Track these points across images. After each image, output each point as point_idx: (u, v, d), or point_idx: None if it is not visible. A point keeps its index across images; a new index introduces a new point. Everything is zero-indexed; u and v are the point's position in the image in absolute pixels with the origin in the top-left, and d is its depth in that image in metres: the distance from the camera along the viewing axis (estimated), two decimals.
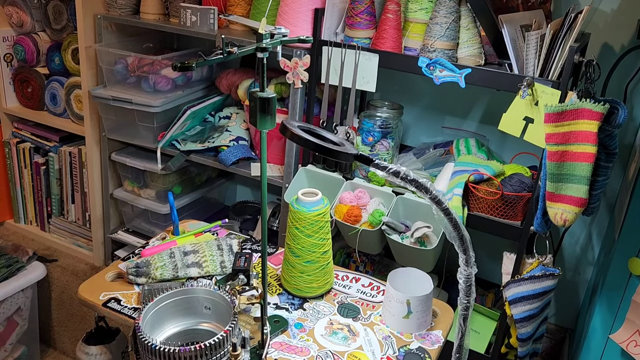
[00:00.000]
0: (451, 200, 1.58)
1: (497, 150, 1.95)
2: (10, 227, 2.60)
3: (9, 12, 2.34)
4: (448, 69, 1.54)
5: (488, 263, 2.05)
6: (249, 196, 2.52)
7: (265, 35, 0.99)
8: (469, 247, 0.94)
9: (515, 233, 1.58)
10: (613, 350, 1.53)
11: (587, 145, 1.34)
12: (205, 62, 0.91)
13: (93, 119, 2.18)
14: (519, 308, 1.57)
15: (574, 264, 2.00)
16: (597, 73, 1.46)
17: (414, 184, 0.89)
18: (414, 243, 1.62)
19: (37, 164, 2.42)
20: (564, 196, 1.40)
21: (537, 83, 1.42)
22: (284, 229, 1.90)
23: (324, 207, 1.27)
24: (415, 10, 1.62)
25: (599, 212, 1.89)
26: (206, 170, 2.35)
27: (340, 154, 0.92)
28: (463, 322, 1.01)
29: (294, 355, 1.14)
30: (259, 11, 1.89)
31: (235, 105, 2.25)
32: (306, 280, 1.29)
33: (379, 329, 1.24)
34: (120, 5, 2.07)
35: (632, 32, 1.69)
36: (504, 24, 1.45)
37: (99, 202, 2.32)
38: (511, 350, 1.72)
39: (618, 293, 1.51)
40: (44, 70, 2.40)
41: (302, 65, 1.73)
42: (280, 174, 1.95)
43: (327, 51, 1.70)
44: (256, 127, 1.01)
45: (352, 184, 1.77)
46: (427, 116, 2.05)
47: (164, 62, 2.00)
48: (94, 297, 1.27)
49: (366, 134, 1.76)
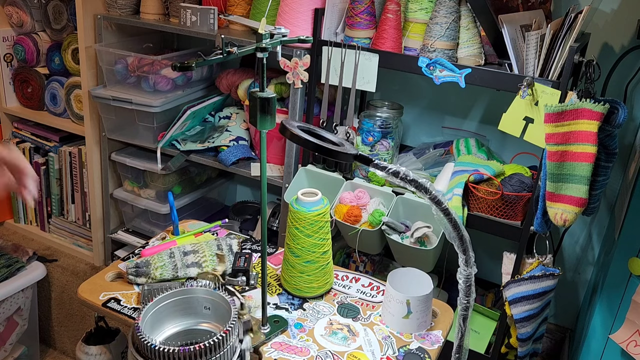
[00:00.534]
0: (451, 200, 1.58)
1: (497, 150, 1.95)
2: (10, 227, 2.60)
3: (9, 12, 2.34)
4: (448, 69, 1.54)
5: (488, 263, 2.05)
6: (249, 196, 2.52)
7: (265, 35, 0.99)
8: (469, 247, 0.94)
9: (515, 233, 1.58)
10: (613, 350, 1.53)
11: (587, 145, 1.34)
12: (205, 62, 0.91)
13: (93, 119, 2.18)
14: (519, 308, 1.57)
15: (574, 264, 2.00)
16: (597, 73, 1.46)
17: (414, 184, 0.89)
18: (414, 243, 1.62)
19: (37, 164, 2.42)
20: (564, 196, 1.40)
21: (537, 83, 1.42)
22: (284, 229, 1.90)
23: (323, 207, 1.27)
24: (415, 10, 1.62)
25: (599, 212, 1.89)
26: (206, 170, 2.35)
27: (340, 154, 0.92)
28: (463, 322, 1.01)
29: (293, 355, 1.14)
30: (259, 11, 1.89)
31: (235, 105, 2.25)
32: (306, 280, 1.29)
33: (379, 329, 1.24)
34: (120, 5, 2.07)
35: (632, 32, 1.69)
36: (504, 24, 1.45)
37: (99, 202, 2.32)
38: (511, 350, 1.72)
39: (618, 293, 1.51)
40: (44, 70, 2.40)
41: (302, 65, 1.73)
42: (280, 174, 1.95)
43: (327, 51, 1.70)
44: (256, 127, 1.01)
45: (352, 184, 1.77)
46: (427, 116, 2.05)
47: (164, 62, 2.00)
48: (94, 297, 1.26)
49: (366, 134, 1.76)
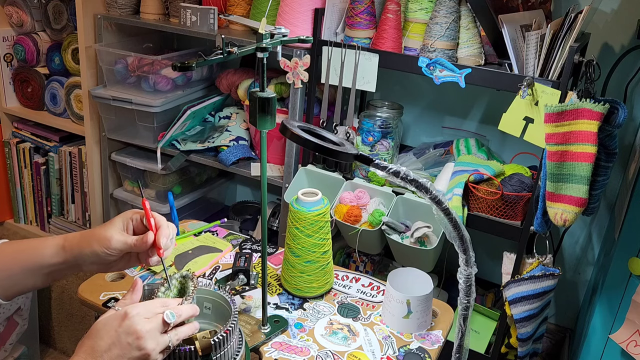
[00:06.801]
0: (451, 200, 1.58)
1: (497, 150, 1.95)
2: (10, 227, 2.60)
3: (9, 12, 2.34)
4: (448, 69, 1.54)
5: (488, 263, 2.05)
6: (249, 196, 2.52)
7: (265, 35, 0.99)
8: (469, 247, 0.94)
9: (515, 233, 1.58)
10: (613, 350, 1.54)
11: (587, 145, 1.34)
12: (205, 62, 0.91)
13: (93, 119, 2.18)
14: (519, 308, 1.57)
15: (574, 264, 2.00)
16: (597, 73, 1.46)
17: (414, 184, 0.89)
18: (414, 243, 1.62)
19: (37, 164, 2.42)
20: (564, 196, 1.40)
21: (537, 83, 1.42)
22: (284, 229, 1.90)
23: (324, 207, 1.27)
24: (415, 10, 1.62)
25: (599, 212, 1.89)
26: (206, 170, 2.35)
27: (340, 154, 0.92)
28: (463, 322, 1.01)
29: (293, 355, 1.14)
30: (259, 11, 1.89)
31: (235, 105, 2.25)
32: (306, 280, 1.29)
33: (379, 329, 1.24)
34: (120, 5, 2.07)
35: (632, 32, 1.69)
36: (504, 24, 1.45)
37: (99, 202, 2.32)
38: (511, 350, 1.72)
39: (618, 293, 1.51)
40: (44, 70, 2.40)
41: (302, 65, 1.73)
42: (280, 174, 1.95)
43: (327, 51, 1.70)
44: (256, 127, 1.01)
45: (352, 184, 1.77)
46: (427, 116, 2.05)
47: (164, 62, 2.00)
48: (94, 297, 1.27)
49: (366, 134, 1.76)
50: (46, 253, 0.94)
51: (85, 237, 0.94)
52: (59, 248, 0.94)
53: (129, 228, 0.97)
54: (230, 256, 1.46)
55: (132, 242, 0.94)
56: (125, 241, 0.93)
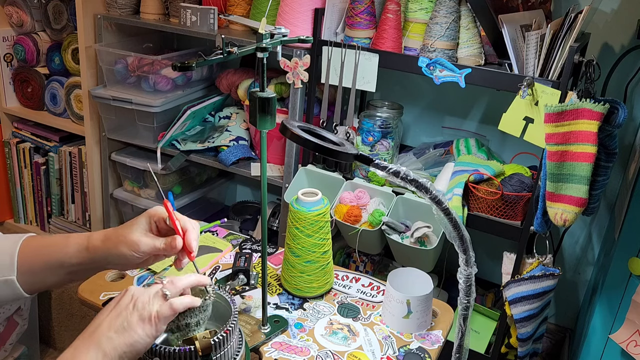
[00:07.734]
0: (451, 200, 1.58)
1: (497, 150, 1.95)
2: (10, 227, 2.60)
3: (9, 12, 2.34)
4: (448, 69, 1.54)
5: (488, 263, 2.06)
6: (249, 196, 2.52)
7: (265, 35, 0.99)
8: (469, 247, 0.94)
9: (515, 233, 1.58)
10: (613, 350, 1.54)
11: (587, 145, 1.34)
12: (205, 62, 0.91)
13: (93, 119, 2.18)
14: (519, 308, 1.57)
15: (574, 264, 2.00)
16: (597, 73, 1.46)
17: (414, 184, 0.89)
18: (414, 243, 1.62)
19: (37, 164, 2.42)
20: (564, 196, 1.40)
21: (537, 83, 1.42)
22: (284, 229, 1.90)
23: (324, 207, 1.27)
24: (415, 10, 1.62)
25: (599, 212, 1.89)
26: (206, 170, 2.35)
27: (340, 154, 0.92)
28: (463, 322, 1.01)
29: (294, 355, 1.14)
30: (259, 11, 1.89)
31: (235, 105, 2.25)
32: (306, 280, 1.29)
33: (379, 329, 1.24)
34: (120, 5, 2.07)
35: (632, 32, 1.69)
36: (504, 24, 1.45)
37: (99, 202, 2.32)
38: (511, 350, 1.72)
39: (618, 293, 1.51)
40: (44, 70, 2.40)
41: (302, 65, 1.73)
42: (280, 174, 1.95)
43: (327, 51, 1.70)
44: (256, 127, 1.01)
45: (352, 184, 1.77)
46: (427, 116, 2.05)
47: (164, 62, 2.00)
48: (94, 297, 1.27)
49: (366, 134, 1.76)
50: (69, 252, 0.94)
51: (110, 238, 0.94)
52: (82, 248, 0.94)
53: (153, 228, 0.97)
54: (230, 256, 1.46)
55: (161, 245, 0.94)
56: (153, 245, 0.94)
